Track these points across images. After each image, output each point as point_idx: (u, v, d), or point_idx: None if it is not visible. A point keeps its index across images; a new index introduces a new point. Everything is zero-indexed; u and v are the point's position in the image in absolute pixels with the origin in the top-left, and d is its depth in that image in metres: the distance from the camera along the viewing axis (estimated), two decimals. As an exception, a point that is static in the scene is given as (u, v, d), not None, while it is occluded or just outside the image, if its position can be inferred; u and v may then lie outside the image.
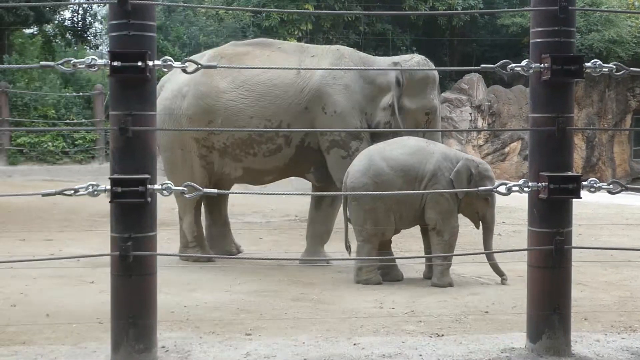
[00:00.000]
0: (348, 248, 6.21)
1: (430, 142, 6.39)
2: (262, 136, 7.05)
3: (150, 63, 2.92)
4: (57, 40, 22.73)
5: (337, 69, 7.03)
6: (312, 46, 7.62)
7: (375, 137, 7.04)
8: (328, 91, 7.03)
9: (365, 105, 7.08)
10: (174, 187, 3.01)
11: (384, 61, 7.42)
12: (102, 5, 22.53)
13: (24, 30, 20.76)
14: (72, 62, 2.96)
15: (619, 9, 23.07)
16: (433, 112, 7.28)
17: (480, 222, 6.31)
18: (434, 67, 7.38)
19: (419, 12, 20.95)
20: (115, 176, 2.95)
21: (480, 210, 6.25)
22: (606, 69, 3.19)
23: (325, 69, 7.03)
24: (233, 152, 7.11)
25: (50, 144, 17.31)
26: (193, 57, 3.23)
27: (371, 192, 5.97)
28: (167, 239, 7.66)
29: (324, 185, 7.27)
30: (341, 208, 6.48)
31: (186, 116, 7.10)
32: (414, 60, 7.19)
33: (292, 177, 7.85)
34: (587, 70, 3.15)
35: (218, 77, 7.08)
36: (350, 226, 6.26)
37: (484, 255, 6.21)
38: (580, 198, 3.14)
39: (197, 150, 7.16)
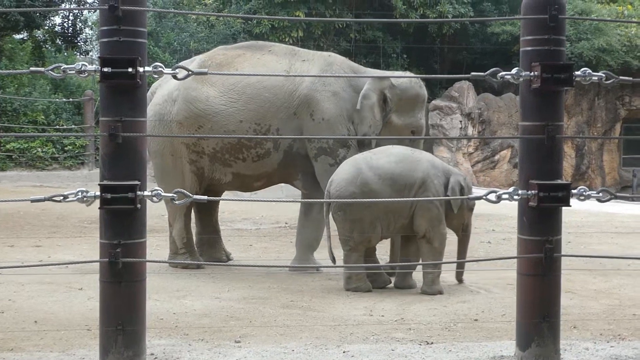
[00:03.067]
0: (333, 260, 6.19)
1: (415, 150, 6.42)
2: (251, 140, 7.05)
3: (141, 69, 2.92)
4: (47, 46, 22.70)
5: (326, 76, 7.03)
6: (303, 50, 7.61)
7: (363, 145, 7.07)
8: (317, 97, 7.04)
9: (352, 113, 7.09)
10: (163, 194, 3.01)
11: (376, 73, 7.44)
12: (93, 11, 22.51)
13: (13, 35, 20.72)
14: (62, 67, 2.96)
15: (609, 18, 23.18)
16: (419, 131, 7.35)
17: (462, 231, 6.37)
18: (419, 76, 7.38)
19: (410, 19, 20.99)
20: (105, 182, 2.94)
21: (466, 220, 6.35)
22: (596, 78, 3.20)
23: (314, 76, 7.03)
24: (223, 157, 7.11)
25: (39, 149, 17.27)
26: (183, 63, 3.23)
27: (359, 200, 5.96)
28: (157, 245, 7.64)
29: (311, 192, 7.26)
30: (330, 215, 6.44)
31: (176, 121, 7.09)
32: (407, 80, 7.22)
33: (283, 184, 7.84)
34: (577, 79, 3.17)
35: (208, 81, 7.08)
36: (333, 235, 6.26)
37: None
38: (570, 206, 3.15)
39: (187, 156, 7.15)
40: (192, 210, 7.48)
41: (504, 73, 3.16)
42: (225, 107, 7.00)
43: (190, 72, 3.06)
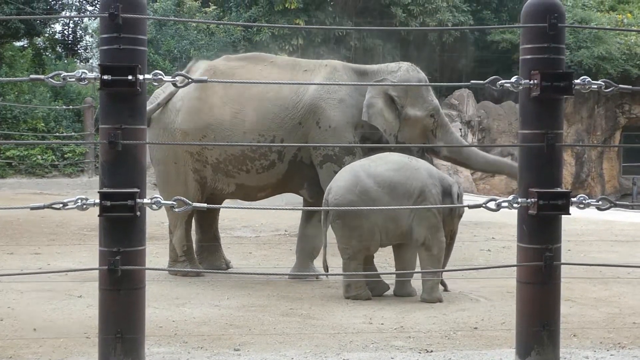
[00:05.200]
0: (326, 269, 6.21)
1: (412, 157, 6.42)
2: (255, 152, 7.03)
3: (141, 77, 2.92)
4: (47, 53, 22.72)
5: (330, 84, 7.03)
6: (304, 61, 7.62)
7: (370, 152, 7.05)
8: (322, 105, 7.03)
9: (360, 119, 7.07)
10: (163, 201, 3.00)
11: (378, 69, 7.38)
12: (93, 18, 22.54)
13: (14, 42, 20.74)
14: (62, 75, 2.96)
15: (608, 26, 23.22)
16: (437, 112, 7.31)
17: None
18: (418, 84, 7.33)
19: (410, 27, 21.02)
20: (105, 190, 2.94)
21: (455, 227, 6.37)
22: (595, 86, 3.20)
23: (316, 84, 7.03)
24: (226, 168, 7.10)
25: (39, 157, 17.27)
26: (185, 71, 3.24)
27: (356, 208, 5.96)
28: (156, 253, 7.64)
29: (317, 201, 7.24)
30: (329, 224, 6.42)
31: (180, 130, 7.08)
32: (403, 69, 7.21)
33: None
34: (577, 87, 3.17)
35: (211, 91, 7.07)
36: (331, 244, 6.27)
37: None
38: (570, 214, 3.15)
39: (191, 165, 7.13)
40: (193, 218, 7.47)
41: (503, 81, 3.16)
42: (228, 117, 7.00)
43: (189, 80, 3.06)
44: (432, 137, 7.30)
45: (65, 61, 21.62)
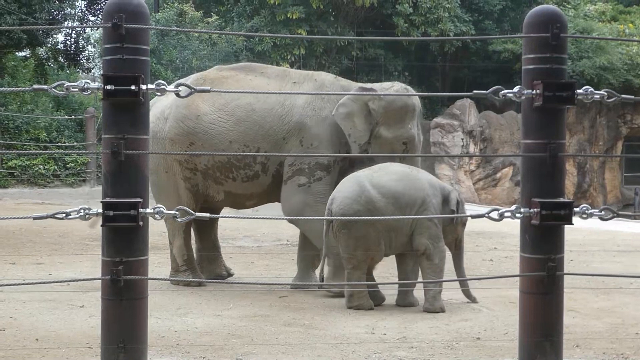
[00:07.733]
0: (321, 279, 6.21)
1: (412, 168, 6.41)
2: (240, 161, 7.04)
3: (144, 87, 2.92)
4: (49, 63, 22.77)
5: (316, 94, 7.00)
6: (294, 72, 7.55)
7: (356, 165, 6.95)
8: (307, 123, 7.00)
9: (344, 135, 6.98)
10: (165, 211, 3.00)
11: (370, 87, 7.35)
12: (96, 29, 22.59)
13: (16, 53, 20.78)
14: (65, 85, 2.96)
15: (610, 36, 23.24)
16: (411, 141, 7.12)
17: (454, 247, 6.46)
18: (414, 94, 7.29)
19: (411, 37, 21.06)
20: (107, 200, 2.94)
21: (460, 235, 6.43)
22: (597, 96, 3.20)
23: (308, 94, 6.99)
24: (214, 175, 7.12)
25: (41, 167, 17.28)
26: (178, 81, 3.24)
27: (363, 218, 5.96)
28: (158, 262, 7.63)
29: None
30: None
31: (168, 138, 7.10)
32: (393, 89, 7.11)
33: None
34: (579, 97, 3.16)
35: (199, 99, 7.07)
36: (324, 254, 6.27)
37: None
38: (572, 224, 3.14)
39: (181, 173, 7.14)
40: (192, 227, 7.47)
41: (506, 91, 3.15)
42: (215, 125, 7.01)
43: (193, 90, 3.07)
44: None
45: (68, 71, 21.67)
